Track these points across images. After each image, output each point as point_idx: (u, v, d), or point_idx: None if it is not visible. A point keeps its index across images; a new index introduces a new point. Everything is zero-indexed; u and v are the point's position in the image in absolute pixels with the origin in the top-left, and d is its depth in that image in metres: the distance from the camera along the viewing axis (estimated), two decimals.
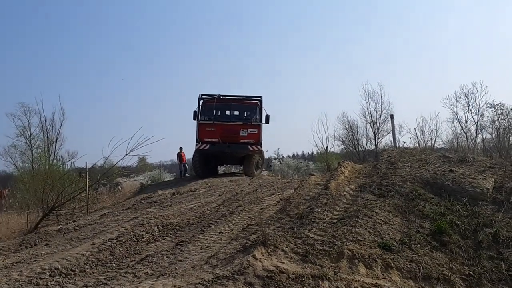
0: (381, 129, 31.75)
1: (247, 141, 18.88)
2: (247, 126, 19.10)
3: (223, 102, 19.73)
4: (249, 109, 19.96)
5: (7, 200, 27.07)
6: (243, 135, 18.88)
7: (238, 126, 19.06)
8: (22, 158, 33.10)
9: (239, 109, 20.09)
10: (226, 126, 19.00)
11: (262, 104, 19.46)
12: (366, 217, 6.61)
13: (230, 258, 5.42)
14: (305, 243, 5.69)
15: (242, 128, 19.01)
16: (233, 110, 20.07)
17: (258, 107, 19.40)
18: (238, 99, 19.94)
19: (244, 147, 18.84)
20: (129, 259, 6.85)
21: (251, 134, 18.97)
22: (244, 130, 18.97)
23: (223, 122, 19.30)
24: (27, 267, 6.44)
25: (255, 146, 18.95)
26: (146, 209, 11.20)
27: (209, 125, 19.08)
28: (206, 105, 19.58)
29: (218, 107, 19.72)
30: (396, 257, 5.62)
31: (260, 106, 19.32)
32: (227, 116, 19.87)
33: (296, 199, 8.08)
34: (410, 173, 8.90)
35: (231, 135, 18.71)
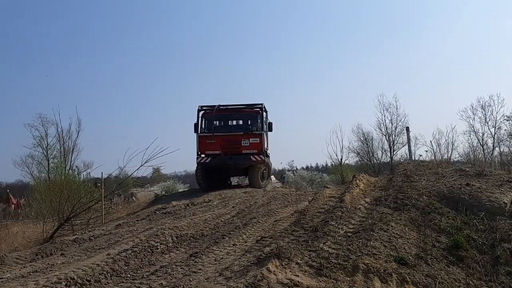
0: (396, 141, 31.65)
1: (249, 151, 18.15)
2: (249, 135, 18.39)
3: (223, 112, 19.23)
4: (250, 117, 19.25)
5: (23, 209, 27.40)
6: (245, 145, 18.21)
7: (239, 136, 18.39)
8: (39, 168, 33.58)
9: (240, 118, 19.56)
10: (227, 137, 18.42)
11: (263, 111, 19.00)
12: (382, 231, 6.55)
13: (244, 271, 5.41)
14: (319, 256, 5.66)
15: (243, 138, 18.34)
16: (233, 120, 19.58)
17: (259, 115, 18.79)
18: (238, 108, 19.37)
19: (246, 158, 18.13)
20: (143, 270, 6.88)
21: (253, 144, 18.27)
22: (245, 140, 18.30)
23: (223, 133, 18.69)
24: (43, 277, 6.50)
25: (258, 156, 18.14)
26: (160, 220, 11.25)
27: (209, 137, 18.56)
28: (206, 116, 19.09)
29: (218, 118, 19.23)
30: (412, 272, 5.56)
31: (261, 114, 18.78)
32: (227, 126, 19.29)
33: (310, 212, 8.05)
34: (426, 187, 8.82)
35: (232, 146, 18.13)
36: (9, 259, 8.79)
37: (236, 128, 18.98)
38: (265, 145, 18.72)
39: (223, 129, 18.87)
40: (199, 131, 18.66)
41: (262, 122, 18.61)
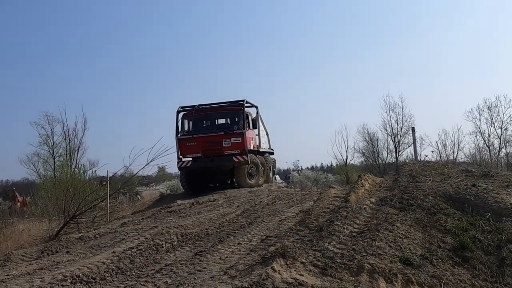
0: (402, 141, 31.51)
1: (232, 152, 17.11)
2: (230, 135, 17.28)
3: (203, 112, 18.27)
4: (231, 116, 18.15)
5: (29, 207, 27.56)
6: (227, 145, 17.15)
7: (220, 137, 17.33)
8: (45, 166, 33.68)
9: (221, 117, 18.58)
10: (207, 138, 17.45)
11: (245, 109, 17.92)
12: (387, 231, 6.53)
13: (249, 270, 5.41)
14: (324, 256, 5.65)
15: (224, 138, 17.26)
16: (214, 120, 18.58)
17: (241, 113, 17.60)
18: (218, 107, 18.41)
19: (228, 159, 17.13)
20: (148, 268, 6.90)
21: (235, 144, 17.13)
22: (226, 140, 17.20)
23: (203, 134, 17.73)
24: (49, 274, 6.54)
25: (240, 156, 17.04)
26: (165, 219, 11.29)
27: (189, 139, 17.64)
28: (186, 117, 18.19)
29: (198, 118, 18.26)
30: (417, 272, 5.54)
31: (243, 112, 17.60)
32: (208, 127, 18.37)
33: (315, 212, 8.04)
34: (432, 187, 8.79)
35: (213, 148, 17.18)
36: (15, 257, 8.86)
37: (216, 128, 18.06)
38: (250, 144, 17.71)
39: (203, 130, 18.06)
40: (179, 134, 17.85)
41: (244, 120, 17.51)
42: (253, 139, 18.32)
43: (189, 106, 18.20)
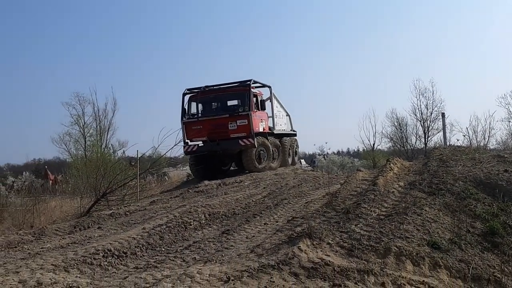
0: (431, 127, 30.86)
1: (238, 135, 16.37)
2: (235, 117, 16.48)
3: (208, 94, 17.44)
4: (237, 97, 17.44)
5: (60, 185, 28.33)
6: (233, 128, 16.41)
7: (226, 119, 16.58)
8: (76, 146, 34.45)
9: (227, 99, 17.73)
10: (213, 121, 16.78)
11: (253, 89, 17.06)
12: (415, 215, 6.49)
13: (275, 248, 5.48)
14: (351, 237, 5.67)
15: (229, 121, 16.49)
16: (219, 102, 17.72)
17: (247, 94, 16.69)
18: (224, 88, 17.55)
19: (234, 143, 16.37)
20: (177, 244, 7.05)
21: (241, 126, 16.33)
22: (232, 123, 16.43)
23: (209, 117, 17.04)
24: (82, 248, 6.75)
25: (247, 139, 16.26)
26: (193, 198, 11.45)
27: (195, 123, 17.04)
28: (192, 100, 17.48)
29: (204, 101, 17.53)
30: (445, 256, 5.50)
31: (249, 92, 16.66)
32: (214, 109, 17.59)
33: (342, 194, 8.04)
34: (462, 172, 8.66)
35: (219, 131, 16.53)
36: (49, 231, 9.17)
37: (222, 111, 17.27)
38: (257, 126, 16.87)
39: (209, 113, 17.39)
40: (184, 117, 17.21)
41: (250, 101, 16.60)
42: (262, 121, 17.54)
43: (196, 88, 17.55)
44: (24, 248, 7.70)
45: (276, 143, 18.44)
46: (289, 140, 20.33)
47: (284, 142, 19.43)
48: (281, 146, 19.07)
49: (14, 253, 7.40)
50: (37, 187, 25.20)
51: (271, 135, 18.26)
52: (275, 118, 19.07)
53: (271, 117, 18.81)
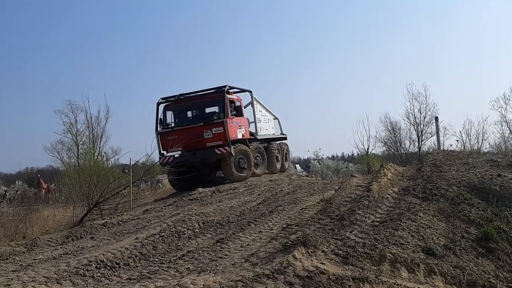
0: (425, 131, 30.91)
1: (214, 144, 15.60)
2: (210, 126, 15.75)
3: (183, 102, 16.75)
4: (212, 104, 16.69)
5: (53, 194, 28.13)
6: (208, 137, 15.66)
7: (201, 128, 15.83)
8: (69, 154, 34.25)
9: (202, 107, 16.95)
10: (188, 131, 15.95)
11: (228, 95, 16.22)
12: (410, 221, 6.48)
13: (270, 257, 5.44)
14: (346, 245, 5.65)
15: (205, 129, 15.74)
16: (195, 110, 17.00)
17: (222, 101, 15.97)
18: (199, 96, 16.79)
19: (211, 152, 15.59)
20: (171, 254, 6.99)
21: (217, 135, 15.58)
22: (207, 131, 15.68)
23: (183, 126, 16.30)
24: (74, 259, 6.68)
25: (223, 148, 15.47)
26: (187, 206, 11.39)
27: (169, 133, 16.29)
28: (168, 109, 16.80)
29: (179, 109, 16.83)
30: (440, 262, 5.50)
31: (224, 99, 15.89)
32: (189, 118, 16.88)
33: (337, 201, 8.02)
34: (456, 177, 8.67)
35: (195, 140, 15.65)
36: (41, 241, 9.08)
37: (197, 119, 16.55)
38: (234, 133, 16.13)
39: (184, 122, 16.67)
40: (158, 128, 16.53)
41: (225, 108, 15.83)
42: (241, 127, 16.82)
43: (171, 97, 16.85)
44: (15, 260, 7.60)
45: (260, 149, 17.88)
46: (277, 144, 19.77)
47: (271, 147, 18.98)
48: (268, 151, 18.59)
49: (6, 265, 7.31)
50: (30, 196, 25.01)
51: (254, 141, 17.73)
52: (258, 123, 18.47)
53: (254, 122, 18.27)
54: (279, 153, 19.63)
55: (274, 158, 18.96)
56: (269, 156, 18.61)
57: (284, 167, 20.42)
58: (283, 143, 20.79)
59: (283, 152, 20.31)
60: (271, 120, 20.10)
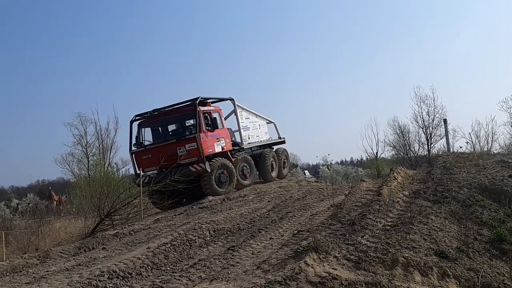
0: (434, 134, 30.75)
1: (189, 160, 14.51)
2: (183, 142, 14.76)
3: (157, 118, 15.84)
4: (185, 119, 15.77)
5: (64, 206, 28.33)
6: (182, 154, 14.59)
7: (174, 145, 14.83)
8: (79, 166, 34.42)
9: (174, 122, 15.99)
10: (161, 148, 14.99)
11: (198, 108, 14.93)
12: (421, 224, 6.45)
13: (282, 264, 5.43)
14: (357, 250, 5.63)
15: (178, 146, 14.74)
16: (168, 126, 16.02)
17: (193, 114, 15.01)
18: (171, 110, 15.78)
19: (186, 170, 14.29)
20: (182, 263, 7.00)
21: (191, 151, 14.53)
22: (181, 148, 14.67)
23: (156, 144, 15.36)
24: (87, 270, 6.72)
25: (197, 164, 14.41)
26: (197, 215, 11.41)
27: (143, 152, 15.38)
28: (142, 126, 15.89)
29: (153, 126, 16.00)
30: (453, 265, 5.46)
31: (196, 112, 14.81)
32: (162, 134, 15.90)
33: (347, 206, 8.00)
34: (467, 179, 8.63)
35: (169, 158, 14.48)
36: (53, 253, 9.15)
37: (170, 135, 15.67)
38: (210, 147, 15.06)
39: (158, 139, 15.75)
40: (132, 147, 15.72)
41: (199, 121, 14.79)
42: (219, 140, 15.68)
43: (145, 113, 16.00)
44: (29, 272, 7.66)
45: (247, 159, 16.73)
46: (271, 151, 18.79)
47: (264, 154, 17.97)
48: (261, 158, 17.73)
49: (19, 277, 7.38)
50: (41, 208, 25.23)
51: (240, 151, 16.80)
52: (245, 131, 17.51)
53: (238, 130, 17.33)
54: (275, 159, 18.68)
55: (269, 165, 17.98)
56: (262, 164, 17.78)
57: (282, 173, 19.45)
58: (280, 148, 19.87)
59: (281, 158, 19.36)
60: (263, 126, 19.28)
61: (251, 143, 17.81)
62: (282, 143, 20.28)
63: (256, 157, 17.70)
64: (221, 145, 15.74)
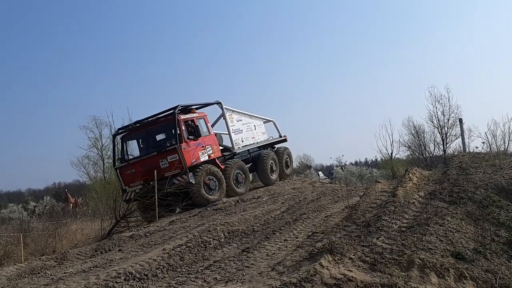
0: (449, 133, 30.43)
1: (173, 173, 13.67)
2: (165, 154, 13.94)
3: (138, 131, 15.08)
4: (164, 129, 14.96)
5: (80, 208, 28.66)
6: (165, 166, 13.80)
7: (156, 158, 14.03)
8: (95, 168, 34.73)
9: (155, 133, 15.20)
10: (144, 162, 14.28)
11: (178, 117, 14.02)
12: (437, 225, 6.40)
13: (297, 266, 5.43)
14: (373, 251, 5.60)
15: (160, 158, 13.94)
16: (149, 138, 15.16)
17: (172, 124, 14.14)
18: (151, 121, 14.97)
19: (170, 182, 13.49)
20: (198, 264, 7.04)
21: (173, 163, 13.73)
22: (163, 160, 13.89)
23: (138, 158, 14.65)
24: (104, 272, 6.79)
25: (180, 177, 13.52)
26: (211, 216, 11.44)
27: (126, 167, 14.64)
28: (125, 140, 15.33)
29: (135, 139, 15.37)
30: (470, 267, 5.42)
31: (175, 122, 13.93)
32: (145, 148, 15.05)
33: (362, 207, 7.96)
34: (483, 179, 8.52)
35: (152, 172, 13.56)
36: (71, 255, 9.26)
37: (152, 148, 14.80)
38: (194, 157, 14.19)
39: (141, 152, 15.04)
40: (115, 162, 15.34)
41: (179, 131, 13.98)
42: (205, 147, 14.78)
43: (126, 126, 15.59)
44: (47, 274, 7.77)
45: (240, 165, 15.69)
46: (270, 151, 17.90)
47: (262, 156, 17.14)
48: (259, 161, 17.00)
49: (38, 279, 7.49)
50: (58, 211, 25.52)
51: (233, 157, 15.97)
52: (237, 135, 16.74)
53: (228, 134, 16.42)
54: (275, 161, 17.70)
55: (267, 168, 17.07)
56: (260, 167, 17.03)
57: (285, 173, 18.63)
58: (281, 148, 19.05)
59: (282, 158, 18.48)
60: (260, 126, 18.42)
61: (246, 146, 17.02)
62: (283, 142, 19.43)
63: (255, 159, 17.10)
64: (207, 153, 14.86)
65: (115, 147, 15.76)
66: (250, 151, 17.09)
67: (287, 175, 19.02)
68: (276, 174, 17.66)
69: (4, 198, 54.18)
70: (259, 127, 18.32)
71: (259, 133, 18.15)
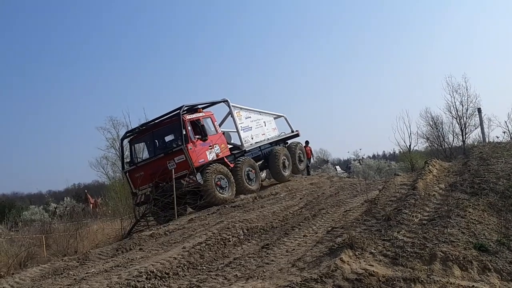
0: (468, 124, 29.99)
1: (181, 174, 13.58)
2: (172, 155, 13.81)
3: (144, 133, 14.98)
4: (170, 131, 14.89)
5: (100, 208, 28.99)
6: (173, 168, 13.67)
7: (163, 160, 13.91)
8: (113, 168, 35.00)
9: (162, 135, 15.12)
10: (152, 164, 14.16)
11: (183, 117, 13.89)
12: (459, 217, 6.31)
13: (317, 261, 5.41)
14: (394, 245, 5.55)
15: (167, 160, 13.82)
16: (157, 140, 15.11)
17: (177, 125, 14.02)
18: (158, 123, 14.87)
19: (178, 184, 13.48)
20: (218, 262, 7.06)
21: (180, 164, 13.61)
22: (170, 162, 13.76)
23: (147, 161, 14.60)
24: (125, 271, 6.85)
25: (189, 178, 13.48)
26: (230, 213, 11.46)
27: (135, 170, 14.54)
28: (132, 143, 15.41)
29: (143, 142, 15.56)
30: (494, 259, 5.33)
31: (180, 122, 13.78)
32: (153, 150, 14.92)
33: (381, 201, 7.89)
34: (505, 169, 8.39)
35: (161, 174, 13.59)
36: (92, 255, 9.37)
37: (159, 150, 14.66)
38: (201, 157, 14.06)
39: (149, 154, 15.02)
40: (124, 166, 15.28)
41: (185, 131, 13.88)
42: (212, 147, 14.63)
43: (134, 129, 15.48)
44: (69, 274, 7.88)
45: (251, 163, 15.52)
46: (282, 148, 17.73)
47: (274, 152, 16.95)
48: (271, 157, 16.81)
49: (61, 279, 7.59)
50: (78, 211, 25.88)
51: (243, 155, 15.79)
52: (246, 132, 16.52)
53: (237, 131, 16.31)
54: (287, 156, 17.49)
55: (279, 164, 16.90)
56: (272, 163, 16.90)
57: (298, 169, 18.47)
58: (293, 143, 18.81)
59: (295, 153, 18.23)
60: (270, 122, 18.29)
61: (256, 143, 16.86)
62: (295, 137, 19.22)
63: (267, 156, 16.95)
64: (215, 152, 14.75)
65: (123, 150, 16.05)
66: (261, 147, 16.99)
67: (301, 170, 18.93)
68: (289, 170, 17.50)
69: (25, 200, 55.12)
70: (269, 123, 18.20)
71: (270, 129, 18.04)
